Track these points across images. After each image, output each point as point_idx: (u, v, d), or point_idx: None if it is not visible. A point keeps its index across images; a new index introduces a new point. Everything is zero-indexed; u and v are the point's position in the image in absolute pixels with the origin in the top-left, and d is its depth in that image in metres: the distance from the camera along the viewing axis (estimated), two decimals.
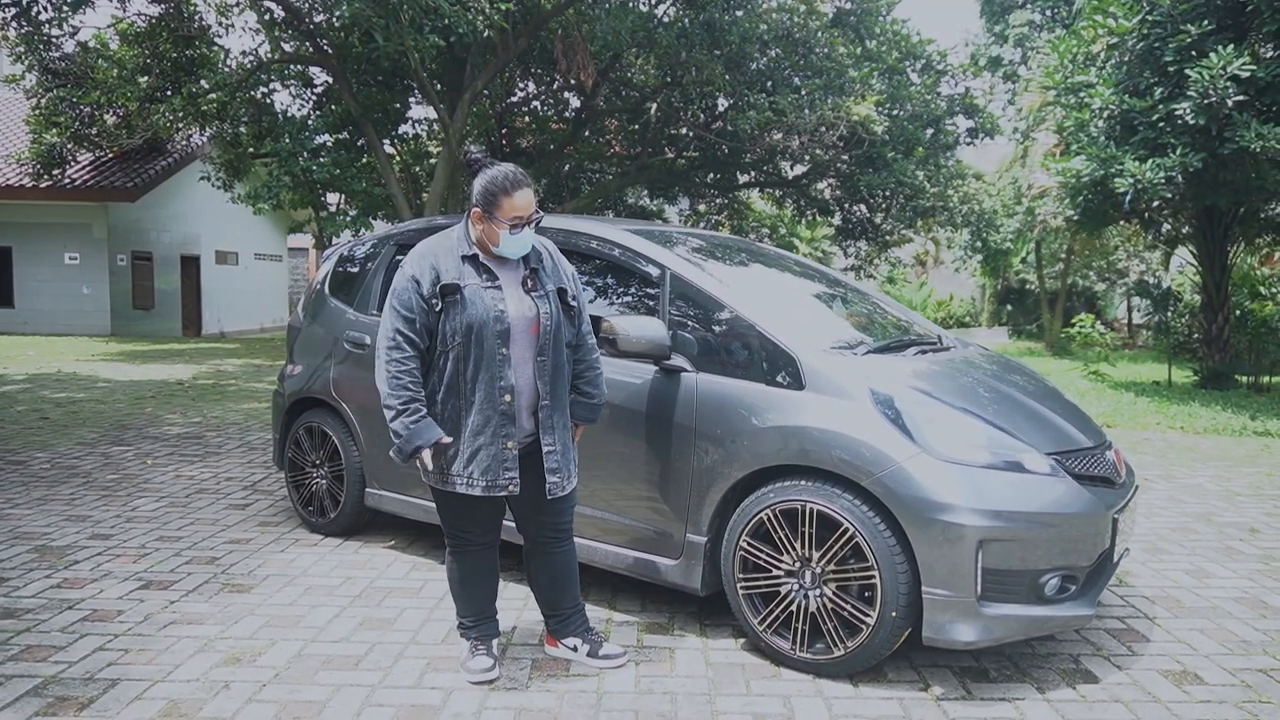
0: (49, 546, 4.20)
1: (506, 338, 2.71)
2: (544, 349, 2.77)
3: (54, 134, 16.00)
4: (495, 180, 2.72)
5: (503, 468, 2.74)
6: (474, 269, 2.75)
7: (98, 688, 2.81)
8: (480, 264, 2.76)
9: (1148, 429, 8.43)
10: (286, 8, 13.12)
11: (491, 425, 2.73)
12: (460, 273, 2.73)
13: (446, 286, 2.71)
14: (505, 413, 2.73)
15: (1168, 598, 3.85)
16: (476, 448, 2.73)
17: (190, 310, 21.38)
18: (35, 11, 12.04)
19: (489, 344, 2.70)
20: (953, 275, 26.23)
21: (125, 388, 9.92)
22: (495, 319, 2.70)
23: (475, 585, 2.97)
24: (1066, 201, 10.89)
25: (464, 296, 2.70)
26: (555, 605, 3.06)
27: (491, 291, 2.73)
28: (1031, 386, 3.63)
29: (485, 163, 2.79)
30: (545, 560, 3.01)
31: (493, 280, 2.75)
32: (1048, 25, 19.49)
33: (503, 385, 2.72)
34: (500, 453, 2.74)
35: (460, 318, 2.70)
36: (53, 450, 6.40)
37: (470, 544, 2.93)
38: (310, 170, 13.80)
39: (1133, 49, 9.41)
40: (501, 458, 2.74)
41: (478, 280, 2.74)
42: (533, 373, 2.77)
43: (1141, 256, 21.77)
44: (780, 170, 17.61)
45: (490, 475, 2.74)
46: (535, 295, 2.79)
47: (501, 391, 2.72)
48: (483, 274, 2.75)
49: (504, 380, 2.72)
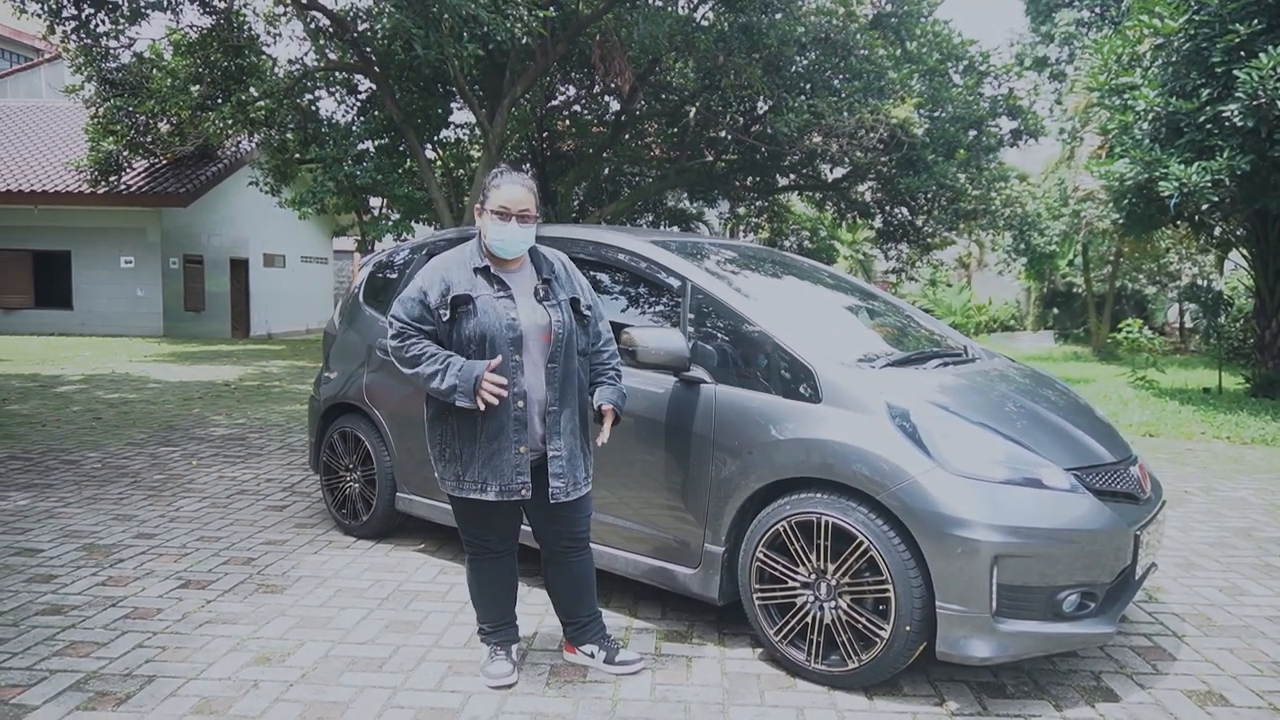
0: (96, 545, 4.37)
1: (519, 345, 2.78)
2: (555, 355, 2.83)
3: (111, 142, 16.59)
4: (491, 175, 2.90)
5: (515, 473, 2.81)
6: (486, 280, 2.83)
7: (135, 684, 2.93)
8: (492, 275, 2.84)
9: (1192, 438, 8.24)
10: (331, 17, 13.42)
11: (505, 431, 2.79)
12: (473, 284, 2.81)
13: (458, 298, 2.79)
14: (518, 419, 2.80)
15: (1198, 615, 3.78)
16: (490, 453, 2.79)
17: (239, 312, 21.95)
18: (94, 25, 12.49)
19: (502, 352, 2.76)
20: (996, 278, 25.80)
21: (175, 389, 10.23)
22: (508, 327, 2.77)
23: (493, 592, 3.04)
24: (1110, 205, 10.67)
25: (476, 306, 2.78)
26: (572, 613, 3.11)
27: (504, 301, 2.80)
28: (1057, 400, 3.60)
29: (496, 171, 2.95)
30: (561, 568, 3.07)
31: (504, 290, 2.83)
32: (1095, 24, 19.09)
33: (515, 392, 2.78)
34: (513, 458, 2.80)
35: (475, 327, 2.77)
36: (104, 450, 6.64)
37: (487, 551, 3.00)
38: (353, 175, 14.09)
39: (1179, 49, 9.20)
40: (514, 463, 2.80)
41: (489, 291, 2.81)
42: (543, 379, 2.83)
43: (1194, 259, 21.21)
44: (820, 173, 17.52)
45: (503, 480, 2.80)
46: (548, 304, 2.86)
47: (514, 398, 2.78)
48: (494, 284, 2.83)
49: (516, 387, 2.78)
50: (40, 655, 3.12)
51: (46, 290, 19.10)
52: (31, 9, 11.78)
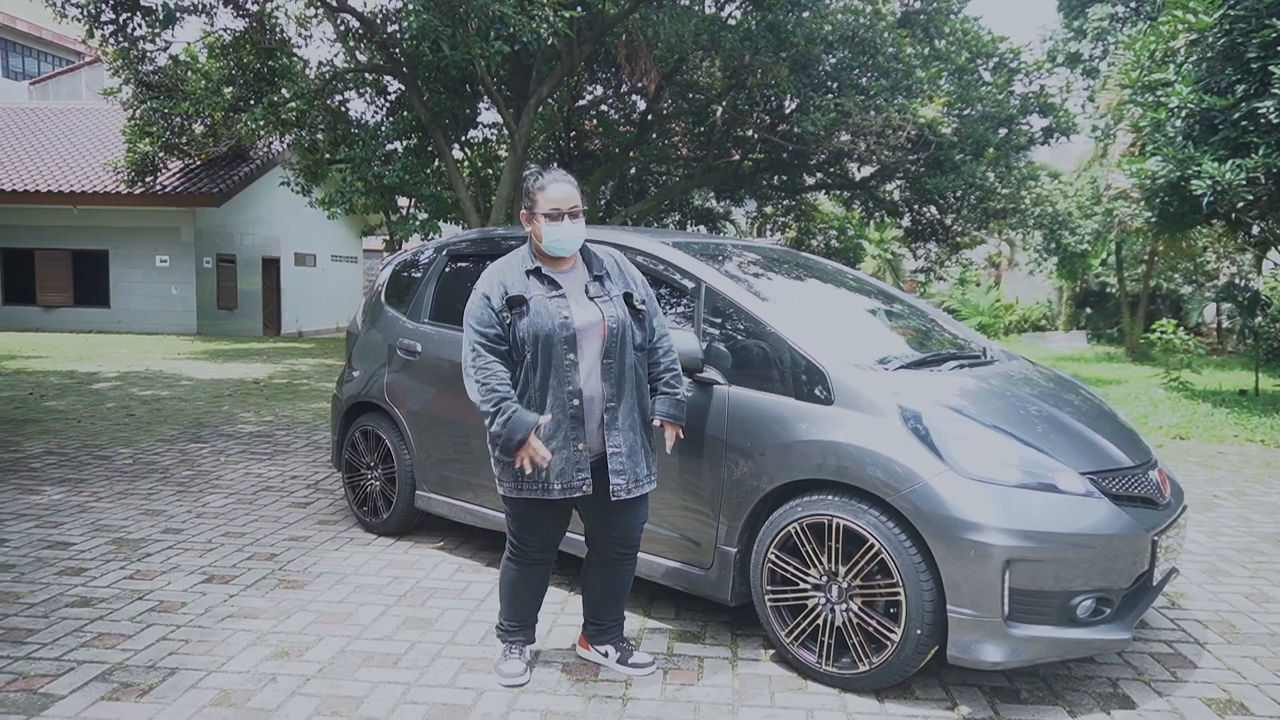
0: (125, 539, 4.48)
1: (574, 343, 2.80)
2: (610, 351, 2.84)
3: (147, 143, 16.93)
4: (530, 179, 2.91)
5: (575, 470, 2.83)
6: (538, 281, 2.87)
7: (158, 675, 3.01)
8: (544, 276, 2.88)
9: (1224, 441, 8.09)
10: (361, 19, 13.57)
11: (563, 430, 2.81)
12: (526, 286, 2.85)
13: (513, 299, 2.82)
14: (575, 416, 2.81)
15: (1222, 622, 3.72)
16: (550, 451, 2.79)
17: (270, 310, 22.28)
18: (131, 28, 12.75)
19: (557, 350, 2.79)
20: (1027, 278, 25.43)
21: (206, 386, 10.42)
22: (561, 325, 2.79)
23: (524, 594, 3.07)
24: (1142, 204, 10.49)
25: (530, 307, 2.81)
26: (599, 614, 3.15)
27: (556, 300, 2.83)
28: (1076, 403, 3.56)
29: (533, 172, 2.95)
30: (606, 571, 3.08)
31: (556, 289, 2.86)
32: (1129, 19, 18.77)
33: (570, 390, 2.80)
34: (573, 455, 2.82)
35: (528, 327, 2.80)
36: (136, 446, 6.79)
37: (529, 556, 3.01)
38: (382, 175, 14.24)
39: (1214, 45, 9.01)
40: (574, 460, 2.83)
41: (542, 291, 2.85)
42: (599, 375, 2.84)
43: (1232, 259, 20.76)
44: (847, 172, 17.40)
45: (565, 478, 2.83)
46: (600, 300, 2.88)
47: (570, 396, 2.80)
48: (546, 284, 2.86)
49: (571, 385, 2.80)
50: (69, 646, 3.21)
51: (85, 289, 19.54)
52: (71, 13, 12.06)
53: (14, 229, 19.19)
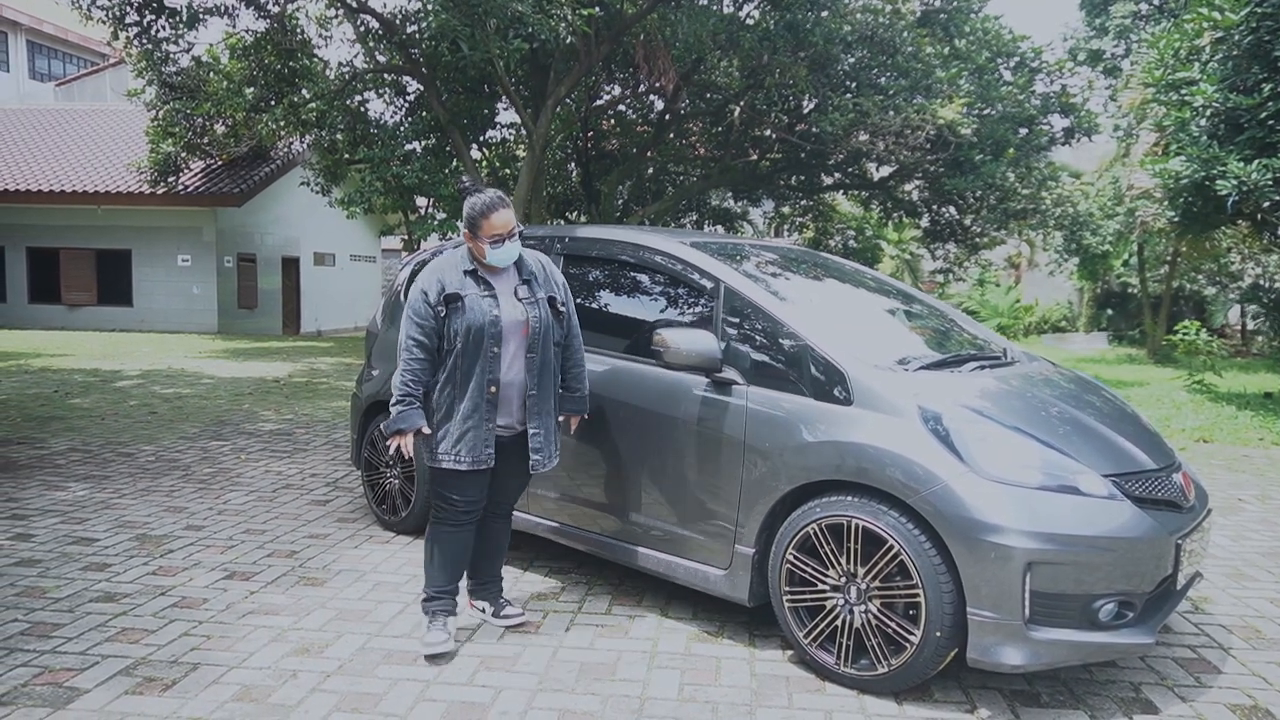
0: (148, 535, 4.53)
1: (499, 338, 3.17)
2: (533, 346, 3.23)
3: (170, 144, 17.10)
4: (474, 206, 3.19)
5: (484, 447, 3.20)
6: (474, 281, 3.22)
7: (180, 670, 3.04)
8: (479, 277, 3.23)
9: (1249, 445, 7.98)
10: (380, 20, 13.65)
11: (479, 411, 3.18)
12: (462, 284, 3.20)
13: (450, 296, 3.18)
14: (490, 401, 3.19)
15: (1247, 627, 3.68)
16: (465, 430, 3.17)
17: (290, 309, 22.45)
18: (155, 30, 12.89)
19: (484, 343, 3.15)
20: (1047, 278, 25.19)
21: (227, 384, 10.52)
22: (490, 322, 3.16)
23: (448, 556, 3.31)
24: (1165, 204, 10.38)
25: (465, 304, 3.17)
26: (475, 572, 3.51)
27: (488, 300, 3.19)
28: (1098, 404, 3.53)
29: (470, 190, 3.26)
30: (483, 529, 3.43)
31: (489, 290, 3.21)
32: (1153, 17, 18.55)
33: (490, 378, 3.18)
34: (483, 434, 3.19)
35: (461, 322, 3.15)
36: (158, 444, 6.86)
37: (449, 518, 3.29)
38: (401, 175, 14.31)
39: (1240, 43, 8.90)
40: (484, 439, 3.20)
41: (476, 290, 3.20)
42: (523, 367, 3.23)
43: (1257, 260, 20.48)
44: (865, 172, 17.31)
45: (474, 453, 3.19)
46: (526, 302, 3.24)
47: (489, 383, 3.18)
48: (481, 284, 3.21)
49: (492, 374, 3.18)
50: (93, 640, 3.25)
51: (108, 288, 19.76)
52: (97, 15, 12.20)
53: (39, 229, 19.45)
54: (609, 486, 3.71)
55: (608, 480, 3.71)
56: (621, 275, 4.00)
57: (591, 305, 4.08)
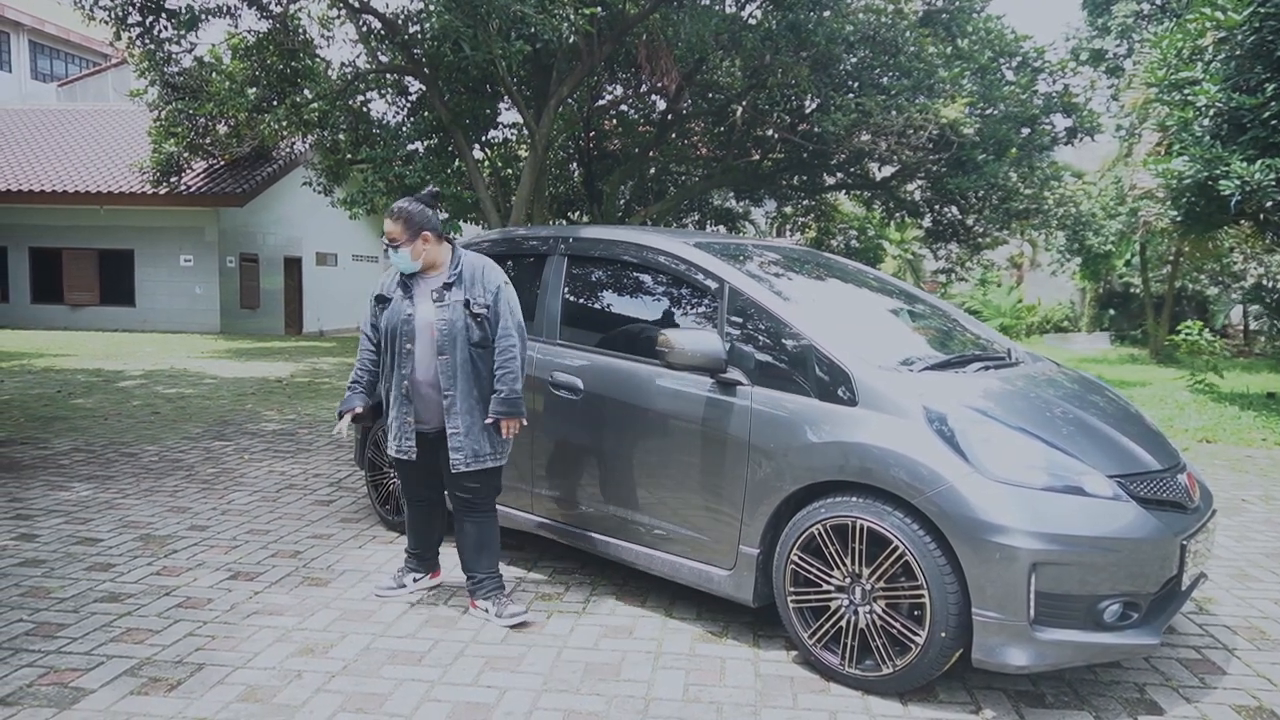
0: (152, 535, 4.53)
1: (411, 336, 3.46)
2: (442, 348, 3.42)
3: (172, 144, 17.12)
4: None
5: (404, 438, 3.51)
6: (401, 285, 3.54)
7: (185, 670, 3.04)
8: (405, 282, 3.54)
9: (1252, 445, 7.98)
10: (383, 20, 13.65)
11: (399, 404, 3.51)
12: (392, 288, 3.56)
13: (380, 297, 3.59)
14: (405, 395, 3.49)
15: (1251, 628, 3.68)
16: (392, 421, 3.54)
17: (292, 309, 22.47)
18: (157, 30, 12.90)
19: (398, 341, 3.48)
20: (1049, 278, 25.18)
21: (230, 384, 10.53)
22: (403, 322, 3.48)
23: (413, 530, 3.81)
24: (1168, 204, 10.37)
25: (389, 306, 3.54)
26: (467, 568, 3.63)
27: (405, 302, 3.50)
28: (1103, 405, 3.53)
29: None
30: (458, 525, 3.60)
31: (408, 293, 3.52)
32: (1155, 16, 18.53)
33: (404, 373, 3.49)
34: (404, 425, 3.51)
35: (384, 321, 3.53)
36: (162, 444, 6.87)
37: (409, 497, 3.75)
38: (403, 176, 14.30)
39: (1243, 43, 8.89)
40: (405, 431, 3.51)
41: (400, 294, 3.53)
42: (439, 368, 3.42)
43: (1260, 260, 20.47)
44: (868, 172, 17.30)
45: (398, 442, 3.53)
46: (438, 305, 3.45)
47: (403, 378, 3.49)
48: (404, 289, 3.53)
49: (405, 369, 3.48)
50: (98, 641, 3.25)
51: (111, 288, 19.78)
52: (99, 16, 12.22)
53: (42, 229, 19.48)
54: (612, 487, 3.71)
55: (611, 481, 3.71)
56: (625, 276, 4.00)
57: (595, 306, 4.08)
